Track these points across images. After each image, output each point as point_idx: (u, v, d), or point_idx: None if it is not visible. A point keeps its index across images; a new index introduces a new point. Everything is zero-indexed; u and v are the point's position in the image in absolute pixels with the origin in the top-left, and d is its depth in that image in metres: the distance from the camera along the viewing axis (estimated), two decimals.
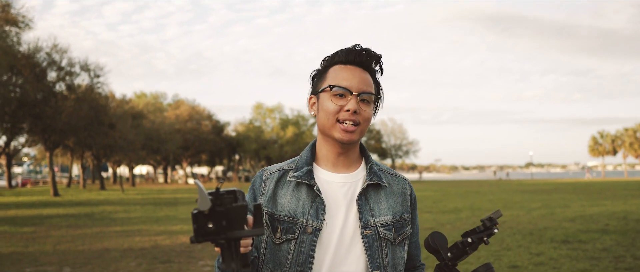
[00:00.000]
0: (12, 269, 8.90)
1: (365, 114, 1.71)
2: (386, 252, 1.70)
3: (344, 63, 1.74)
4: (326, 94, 1.72)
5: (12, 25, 32.78)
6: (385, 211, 1.74)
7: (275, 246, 1.69)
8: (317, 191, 1.70)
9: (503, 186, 46.30)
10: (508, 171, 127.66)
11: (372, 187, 1.75)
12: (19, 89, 33.93)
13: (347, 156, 1.77)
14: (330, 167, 1.77)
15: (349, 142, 1.71)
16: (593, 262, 8.67)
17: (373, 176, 1.76)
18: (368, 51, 1.75)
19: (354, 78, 1.71)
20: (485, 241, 1.40)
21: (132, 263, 9.34)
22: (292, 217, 1.69)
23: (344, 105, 1.69)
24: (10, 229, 15.20)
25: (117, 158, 55.48)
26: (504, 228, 13.74)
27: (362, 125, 1.71)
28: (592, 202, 23.13)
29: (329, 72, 1.75)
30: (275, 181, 1.76)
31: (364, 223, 1.69)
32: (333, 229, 1.68)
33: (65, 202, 29.04)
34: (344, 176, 1.76)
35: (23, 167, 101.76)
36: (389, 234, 1.71)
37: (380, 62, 1.79)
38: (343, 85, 1.69)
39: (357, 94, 1.69)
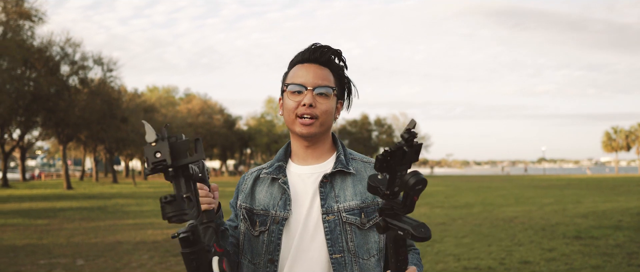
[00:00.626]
0: (27, 261, 8.99)
1: (323, 106, 1.78)
2: (351, 236, 1.75)
3: (301, 62, 1.84)
4: (286, 93, 1.82)
5: (25, 19, 33.01)
6: (352, 196, 1.78)
7: (253, 237, 1.82)
8: (283, 184, 1.81)
9: (515, 181, 46.10)
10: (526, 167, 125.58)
11: (339, 175, 1.82)
12: (32, 82, 34.20)
13: (315, 149, 1.86)
14: (301, 160, 1.88)
15: (309, 135, 1.80)
16: (606, 259, 8.62)
17: (338, 163, 1.82)
18: (322, 48, 1.83)
19: (309, 74, 1.79)
20: (406, 150, 1.23)
21: (144, 256, 9.40)
22: (266, 211, 1.81)
23: (300, 101, 1.78)
24: (25, 222, 15.35)
25: (130, 151, 55.78)
26: (515, 223, 13.69)
27: (321, 118, 1.79)
28: (605, 198, 22.98)
29: (289, 74, 1.85)
30: (253, 179, 1.92)
31: (327, 209, 1.76)
32: (298, 218, 1.77)
33: (79, 195, 29.28)
34: (313, 167, 1.85)
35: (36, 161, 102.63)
36: (353, 219, 1.76)
37: (342, 58, 1.87)
38: (298, 82, 1.79)
39: (312, 88, 1.78)
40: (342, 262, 1.73)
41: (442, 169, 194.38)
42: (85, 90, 38.42)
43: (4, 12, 31.94)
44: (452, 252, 9.42)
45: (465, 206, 19.48)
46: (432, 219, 14.89)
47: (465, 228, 12.86)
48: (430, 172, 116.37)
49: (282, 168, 1.86)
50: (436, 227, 13.14)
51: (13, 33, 32.05)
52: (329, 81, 1.81)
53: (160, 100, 65.45)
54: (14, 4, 32.10)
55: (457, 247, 9.97)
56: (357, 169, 1.85)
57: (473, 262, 8.48)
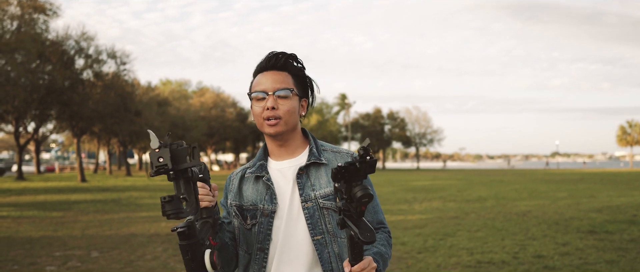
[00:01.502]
0: (42, 253, 9.09)
1: (284, 107, 1.97)
2: (329, 219, 1.96)
3: (260, 71, 2.04)
4: (252, 101, 2.02)
5: (40, 13, 33.21)
6: (326, 184, 1.99)
7: (246, 230, 2.03)
8: (266, 180, 2.02)
9: (529, 175, 45.85)
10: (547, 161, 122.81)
11: (313, 166, 2.03)
12: (47, 76, 34.42)
13: (288, 146, 2.06)
14: (277, 157, 2.08)
15: (277, 134, 2.00)
16: (620, 253, 8.56)
17: (311, 156, 2.03)
18: (277, 54, 2.02)
19: (268, 81, 1.99)
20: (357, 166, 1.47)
21: (158, 248, 9.47)
22: (255, 205, 2.02)
23: (264, 106, 1.97)
24: (40, 214, 15.50)
25: (143, 144, 56.06)
26: (529, 217, 13.63)
27: (284, 117, 1.98)
28: (620, 192, 22.80)
29: (252, 83, 2.05)
30: (239, 178, 2.12)
31: (305, 197, 1.97)
32: (283, 208, 1.99)
33: (93, 188, 29.50)
34: (289, 161, 2.06)
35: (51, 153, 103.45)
36: (329, 204, 1.96)
37: (298, 60, 2.05)
38: (259, 89, 1.99)
39: (273, 92, 1.97)
40: (323, 243, 1.95)
41: (454, 163, 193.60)
42: (100, 84, 38.63)
43: (18, 6, 32.15)
44: (466, 246, 9.40)
45: (478, 200, 19.42)
46: (445, 213, 14.86)
47: (479, 222, 12.82)
48: (443, 165, 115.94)
49: (263, 166, 2.07)
50: (449, 221, 13.11)
51: (28, 27, 32.27)
52: (287, 83, 1.99)
53: (173, 93, 65.65)
54: None
55: (470, 241, 9.95)
56: (328, 159, 2.05)
57: (486, 256, 8.46)
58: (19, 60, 31.09)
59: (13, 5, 31.96)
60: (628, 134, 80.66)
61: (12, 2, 31.82)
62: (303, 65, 2.07)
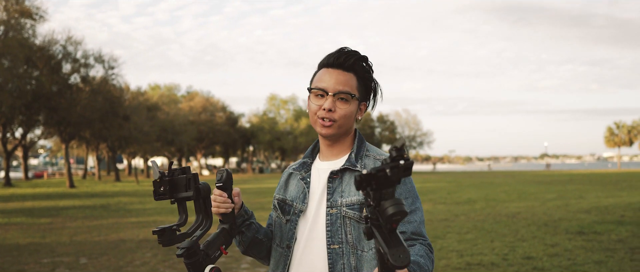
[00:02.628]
0: (30, 260, 9.01)
1: (341, 111, 1.91)
2: (350, 229, 1.88)
3: (326, 66, 1.96)
4: (310, 95, 1.97)
5: (26, 18, 33.02)
6: (355, 192, 1.89)
7: (282, 225, 2.02)
8: (301, 180, 2.01)
9: (517, 177, 46.06)
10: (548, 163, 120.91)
11: (348, 172, 1.94)
12: (34, 81, 34.22)
13: (334, 147, 2.01)
14: (324, 157, 2.04)
15: (327, 136, 1.95)
16: (608, 254, 8.61)
17: (347, 162, 1.95)
18: (347, 53, 1.94)
19: (331, 79, 1.91)
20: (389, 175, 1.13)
21: (147, 254, 9.42)
22: (291, 202, 2.01)
23: (322, 105, 1.92)
24: (28, 220, 15.37)
25: (132, 150, 55.82)
26: (518, 219, 13.68)
27: (339, 121, 1.92)
28: (608, 193, 22.95)
29: (315, 76, 1.99)
30: (288, 173, 2.11)
31: (331, 203, 1.91)
32: (311, 210, 1.94)
33: (81, 193, 29.32)
34: (329, 163, 2.01)
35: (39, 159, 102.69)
36: (352, 213, 1.88)
37: (368, 63, 1.97)
38: (320, 86, 1.92)
39: (333, 93, 1.90)
40: (339, 253, 1.87)
41: (444, 166, 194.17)
42: (87, 89, 38.42)
43: (5, 11, 31.95)
44: (455, 248, 9.42)
45: (468, 202, 19.47)
46: (435, 215, 14.88)
47: (468, 224, 12.85)
48: (432, 168, 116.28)
49: (306, 164, 2.05)
50: (439, 223, 13.13)
51: (15, 32, 32.07)
52: (350, 86, 1.92)
53: (162, 98, 65.42)
54: (15, 2, 32.10)
55: (460, 243, 9.97)
56: (366, 165, 1.95)
57: (476, 258, 8.47)
58: (5, 65, 30.90)
59: None
60: (616, 135, 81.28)
61: None
62: (371, 68, 1.99)
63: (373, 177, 1.16)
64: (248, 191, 29.13)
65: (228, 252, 1.86)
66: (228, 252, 1.86)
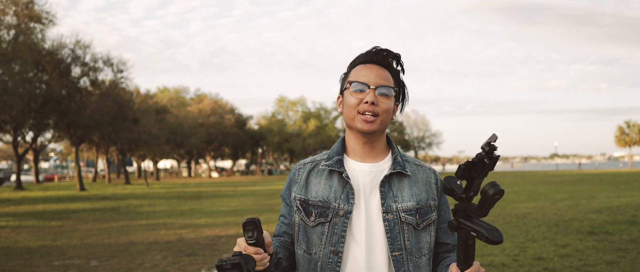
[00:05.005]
0: (41, 262, 9.05)
1: (384, 105, 1.86)
2: (408, 235, 1.84)
3: (364, 63, 1.92)
4: (348, 91, 1.89)
5: (36, 22, 33.21)
6: (408, 197, 1.86)
7: (309, 228, 1.87)
8: (346, 178, 1.86)
9: (530, 178, 45.85)
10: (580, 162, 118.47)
11: (396, 176, 1.89)
12: (44, 85, 34.41)
13: (373, 147, 1.92)
14: (358, 157, 1.93)
15: (369, 132, 1.86)
16: (620, 254, 8.55)
17: (397, 165, 1.89)
18: (385, 50, 1.91)
19: (372, 74, 1.87)
20: (487, 163, 1.39)
21: (157, 256, 9.44)
22: (326, 202, 1.86)
23: (363, 99, 1.85)
24: (39, 223, 15.46)
25: (142, 152, 56.02)
26: (529, 219, 13.61)
27: (381, 116, 1.86)
28: (619, 193, 22.80)
29: (351, 73, 1.93)
30: (307, 170, 1.96)
31: (387, 208, 1.83)
32: (360, 212, 1.84)
33: (92, 196, 29.45)
34: (370, 165, 1.91)
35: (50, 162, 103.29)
36: (410, 219, 1.84)
37: (400, 62, 1.95)
38: (361, 80, 1.87)
39: (375, 87, 1.85)
40: (400, 260, 1.82)
41: (453, 166, 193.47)
42: (97, 92, 38.58)
43: (15, 16, 32.16)
44: None
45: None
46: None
47: None
48: (441, 169, 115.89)
49: (341, 162, 1.91)
50: None
51: (24, 36, 32.27)
52: (390, 82, 1.89)
53: (171, 101, 65.64)
54: (24, 7, 32.30)
55: None
56: (412, 171, 1.93)
57: (486, 259, 8.44)
58: (16, 69, 31.07)
59: (9, 15, 31.97)
60: (626, 135, 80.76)
61: (8, 12, 31.83)
62: (403, 69, 1.96)
63: (475, 165, 1.39)
64: (257, 193, 29.16)
65: None
66: None
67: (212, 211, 18.39)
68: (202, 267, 8.34)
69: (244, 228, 1.60)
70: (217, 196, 27.93)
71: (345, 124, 1.93)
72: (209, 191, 33.37)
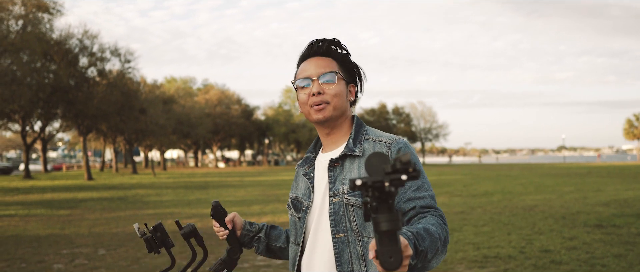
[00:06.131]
0: (50, 251, 9.12)
1: (331, 91, 1.89)
2: (353, 217, 1.82)
3: (305, 58, 1.97)
4: (298, 90, 1.95)
5: (44, 12, 33.29)
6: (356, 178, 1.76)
7: (296, 222, 2.00)
8: (304, 175, 1.99)
9: (537, 170, 45.74)
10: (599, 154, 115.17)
11: (348, 158, 1.89)
12: (52, 75, 34.54)
13: (333, 135, 1.96)
14: (326, 149, 2.00)
15: (325, 119, 1.90)
16: (628, 247, 8.53)
17: (345, 148, 1.89)
18: (319, 40, 1.96)
19: (311, 66, 1.92)
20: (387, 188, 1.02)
21: None
22: (301, 199, 1.99)
23: (309, 92, 1.90)
24: (47, 212, 15.55)
25: (149, 142, 56.23)
26: (535, 212, 13.59)
27: (332, 102, 1.88)
28: (627, 186, 22.72)
29: (296, 73, 1.99)
30: (297, 171, 2.10)
31: (333, 192, 1.86)
32: (317, 204, 1.92)
33: (99, 186, 29.59)
34: (330, 153, 1.96)
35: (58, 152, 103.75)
36: (354, 200, 1.81)
37: (342, 45, 1.96)
38: (303, 76, 1.92)
39: (317, 77, 1.89)
40: (345, 241, 1.82)
41: (460, 158, 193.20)
42: (104, 82, 38.71)
43: (23, 6, 32.23)
44: (472, 241, 9.38)
45: (485, 195, 19.38)
46: (451, 208, 14.83)
47: (485, 217, 12.79)
48: (448, 160, 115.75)
49: (309, 159, 2.03)
50: (455, 215, 13.09)
51: (32, 26, 32.36)
52: (332, 67, 1.91)
53: (178, 91, 65.76)
54: None
55: (476, 236, 9.93)
56: (365, 149, 1.87)
57: (493, 251, 8.43)
58: (24, 59, 31.20)
59: (18, 5, 32.04)
60: (635, 127, 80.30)
61: (16, 2, 31.90)
62: (348, 50, 1.97)
63: (368, 187, 1.05)
64: (264, 184, 29.22)
65: None
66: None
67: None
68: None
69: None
70: (224, 186, 28.00)
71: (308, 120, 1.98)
72: (216, 181, 33.46)
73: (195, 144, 71.22)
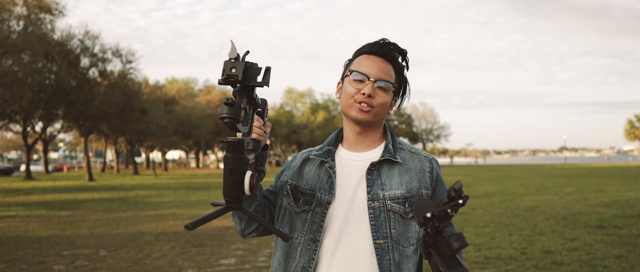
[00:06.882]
0: (51, 252, 9.11)
1: (380, 99, 1.87)
2: (394, 224, 1.83)
3: (368, 53, 1.93)
4: (348, 79, 1.91)
5: (46, 13, 33.31)
6: (397, 185, 1.86)
7: (295, 213, 1.91)
8: (329, 168, 1.89)
9: (538, 171, 45.72)
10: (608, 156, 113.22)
11: (386, 163, 1.89)
12: (53, 75, 34.56)
13: (366, 136, 1.94)
14: (351, 146, 1.96)
15: (363, 122, 1.88)
16: (629, 248, 8.52)
17: (386, 152, 1.90)
18: (391, 44, 1.93)
19: (374, 66, 1.88)
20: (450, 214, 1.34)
21: (165, 246, 9.48)
22: (312, 191, 1.90)
23: (361, 89, 1.86)
24: (48, 213, 15.55)
25: (150, 143, 56.23)
26: (537, 213, 13.58)
27: (376, 109, 1.87)
28: (628, 186, 22.70)
29: (354, 61, 1.94)
30: (303, 159, 2.00)
31: (372, 196, 1.84)
32: (343, 202, 1.85)
33: (100, 186, 29.60)
34: (361, 154, 1.94)
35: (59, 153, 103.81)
36: (397, 207, 1.83)
37: (406, 58, 1.96)
38: (362, 71, 1.88)
39: (374, 80, 1.86)
40: (385, 248, 1.81)
41: (461, 159, 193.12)
42: (105, 83, 38.73)
43: (25, 6, 32.26)
44: (473, 242, 9.37)
45: (486, 196, 19.36)
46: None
47: (486, 218, 12.78)
48: (450, 161, 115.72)
49: (331, 152, 1.95)
50: (457, 216, 13.08)
51: (34, 27, 32.39)
52: (391, 77, 1.90)
53: (179, 92, 65.79)
54: None
55: (478, 237, 9.92)
56: (404, 158, 1.92)
57: (494, 252, 8.43)
58: (25, 60, 31.22)
59: (19, 6, 32.07)
60: (636, 128, 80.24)
61: (18, 3, 31.93)
62: (408, 65, 1.98)
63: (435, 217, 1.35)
64: (265, 184, 29.09)
65: (259, 172, 1.76)
66: (259, 172, 1.76)
67: None
68: (211, 257, 8.37)
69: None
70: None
71: (342, 111, 1.95)
72: (217, 182, 33.46)
73: (197, 145, 71.22)
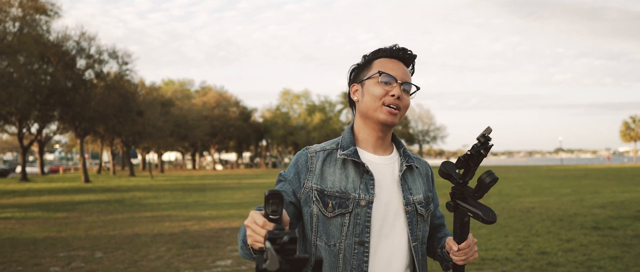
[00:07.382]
0: (46, 253, 9.10)
1: (405, 101, 1.91)
2: (421, 226, 1.92)
3: (389, 57, 1.95)
4: (373, 81, 1.90)
5: (41, 14, 33.24)
6: (418, 190, 1.95)
7: (327, 219, 1.82)
8: (367, 168, 1.86)
9: (534, 172, 45.77)
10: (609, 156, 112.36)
11: (408, 169, 1.96)
12: (49, 77, 34.46)
13: (384, 140, 1.96)
14: (370, 149, 1.94)
15: (392, 124, 1.90)
16: (624, 249, 8.54)
17: (408, 159, 1.97)
18: (407, 50, 1.97)
19: (399, 69, 1.91)
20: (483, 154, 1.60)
21: (162, 248, 9.47)
22: (344, 193, 1.82)
23: (389, 91, 1.88)
24: (44, 215, 15.52)
25: (146, 145, 56.13)
26: (533, 214, 13.60)
27: (402, 111, 1.91)
28: (624, 188, 22.75)
29: (374, 64, 1.93)
30: (321, 160, 1.89)
31: (406, 200, 1.88)
32: (380, 205, 1.85)
33: (96, 188, 29.54)
34: (384, 157, 1.94)
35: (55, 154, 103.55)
36: (422, 211, 1.93)
37: (414, 63, 2.01)
38: (390, 72, 1.90)
39: (401, 82, 1.89)
40: (417, 250, 1.90)
41: None
42: (101, 84, 38.65)
43: (20, 7, 32.19)
44: None
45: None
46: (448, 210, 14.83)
47: None
48: None
49: (357, 152, 1.90)
50: (452, 218, 13.08)
51: (29, 28, 32.31)
52: (412, 80, 1.97)
53: (176, 93, 65.71)
54: None
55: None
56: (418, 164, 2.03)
57: (490, 253, 8.44)
58: (21, 61, 31.13)
59: (15, 7, 32.00)
60: (632, 130, 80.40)
61: (13, 4, 31.86)
62: (414, 69, 2.02)
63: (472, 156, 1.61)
64: (261, 186, 29.20)
65: None
66: None
67: (216, 204, 18.44)
68: (206, 259, 8.37)
69: (267, 201, 1.27)
70: (222, 188, 27.98)
71: (362, 113, 1.92)
72: (213, 183, 33.43)
73: (193, 147, 71.15)
